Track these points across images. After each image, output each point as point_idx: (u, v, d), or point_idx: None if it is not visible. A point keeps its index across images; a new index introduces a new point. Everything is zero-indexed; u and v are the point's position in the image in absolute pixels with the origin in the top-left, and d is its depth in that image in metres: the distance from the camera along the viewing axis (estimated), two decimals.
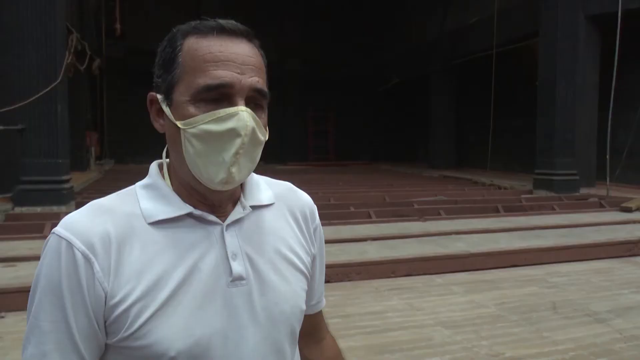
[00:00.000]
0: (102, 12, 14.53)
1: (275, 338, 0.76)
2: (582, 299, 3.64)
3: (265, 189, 0.84)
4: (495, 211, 7.26)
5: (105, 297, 0.68)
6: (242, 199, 0.79)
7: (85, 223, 0.70)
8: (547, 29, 9.66)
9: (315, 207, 0.90)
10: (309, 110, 19.51)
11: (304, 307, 0.82)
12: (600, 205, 7.89)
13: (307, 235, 0.86)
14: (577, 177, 9.35)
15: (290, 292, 0.78)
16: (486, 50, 12.48)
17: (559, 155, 9.34)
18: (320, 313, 0.95)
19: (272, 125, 0.77)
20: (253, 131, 0.70)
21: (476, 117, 14.70)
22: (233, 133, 0.69)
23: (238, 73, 0.70)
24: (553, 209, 7.56)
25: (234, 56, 0.70)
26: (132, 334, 0.67)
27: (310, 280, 0.86)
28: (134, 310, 0.67)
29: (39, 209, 6.21)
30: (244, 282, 0.74)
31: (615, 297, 3.71)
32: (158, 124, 0.77)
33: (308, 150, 19.82)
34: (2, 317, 3.18)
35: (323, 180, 11.74)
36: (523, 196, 8.79)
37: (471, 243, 5.09)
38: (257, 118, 0.72)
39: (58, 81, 6.49)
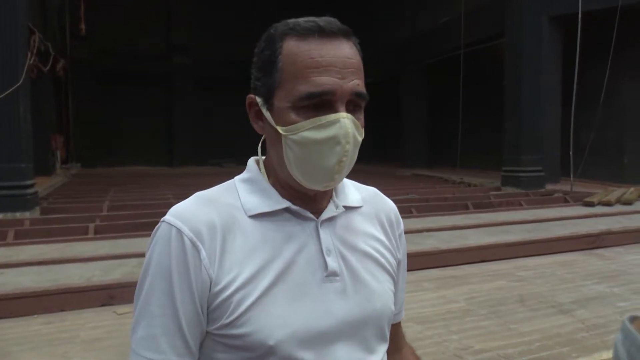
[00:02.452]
0: (65, 12, 14.12)
1: (365, 336, 0.77)
2: (548, 291, 3.76)
3: (354, 192, 0.86)
4: (465, 208, 7.41)
5: (210, 284, 0.70)
6: (334, 198, 0.81)
7: (193, 212, 0.73)
8: (512, 30, 9.93)
9: (398, 213, 0.91)
10: None
11: (393, 307, 0.82)
12: (565, 200, 8.16)
13: (392, 239, 0.87)
14: (543, 174, 9.64)
15: (382, 291, 0.80)
16: (455, 51, 12.72)
17: (525, 152, 9.61)
18: (399, 323, 0.96)
19: (248, 128, 0.78)
20: (354, 137, 0.71)
21: (447, 116, 14.98)
22: (334, 141, 0.69)
23: (339, 78, 0.70)
24: (520, 204, 7.77)
25: (335, 60, 0.70)
26: (233, 321, 0.69)
27: (395, 285, 0.87)
28: (237, 297, 0.69)
29: (1, 216, 6.00)
30: (337, 278, 0.75)
31: (578, 288, 3.84)
32: (257, 126, 0.78)
33: None
34: None
35: None
36: (492, 193, 9.00)
37: (442, 240, 5.18)
38: (357, 121, 0.73)
39: (20, 83, 6.28)
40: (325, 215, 0.78)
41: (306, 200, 0.78)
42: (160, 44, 18.27)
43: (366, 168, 16.75)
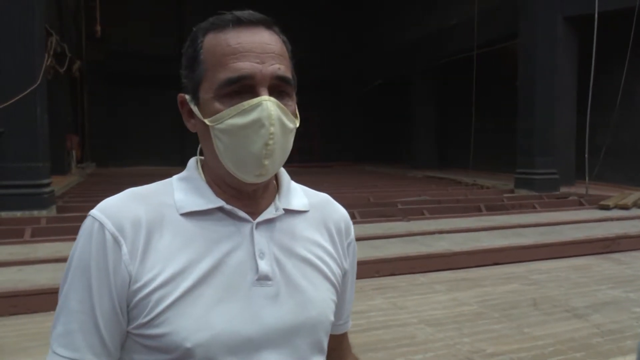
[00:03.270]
0: (81, 14, 14.33)
1: (298, 345, 0.73)
2: (562, 295, 3.72)
3: (301, 196, 0.83)
4: (477, 210, 7.35)
5: (130, 281, 0.68)
6: (276, 200, 0.78)
7: (119, 207, 0.71)
8: (526, 31, 9.84)
9: (351, 222, 0.89)
10: None
11: (332, 317, 0.79)
12: (580, 203, 8.05)
13: (339, 248, 0.84)
14: (557, 176, 9.52)
15: (319, 299, 0.76)
16: (467, 52, 12.64)
17: (539, 154, 9.50)
18: (346, 334, 0.94)
19: None
20: (280, 120, 0.70)
21: (458, 117, 14.88)
22: (258, 124, 0.68)
23: (258, 63, 0.69)
24: (534, 207, 7.69)
25: (252, 46, 0.70)
26: (150, 321, 0.67)
27: (340, 296, 0.84)
28: (155, 296, 0.67)
29: (19, 214, 6.11)
30: (270, 282, 0.72)
31: (593, 292, 3.79)
32: (190, 124, 0.77)
33: (292, 151, 19.79)
34: None
35: (307, 181, 11.61)
36: (505, 195, 8.92)
37: (454, 242, 5.15)
38: (283, 106, 0.71)
39: (37, 84, 6.38)
40: (263, 217, 0.75)
41: (244, 199, 0.75)
42: (172, 46, 18.44)
43: (377, 170, 16.72)
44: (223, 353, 0.67)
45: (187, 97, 0.75)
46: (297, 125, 0.75)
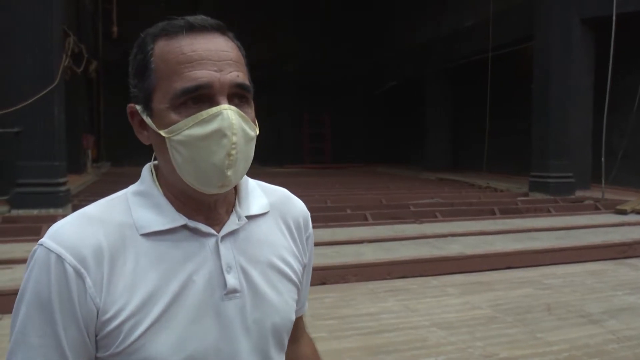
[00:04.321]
0: (98, 15, 14.53)
1: (264, 349, 0.75)
2: (577, 301, 3.67)
3: (260, 196, 0.82)
4: (491, 213, 7.29)
5: (97, 313, 0.66)
6: (237, 208, 0.77)
7: (75, 234, 0.66)
8: (542, 32, 9.73)
9: (309, 215, 0.88)
10: (304, 113, 19.54)
11: (293, 317, 0.81)
12: (596, 207, 7.93)
13: (299, 244, 0.84)
14: (573, 180, 9.40)
15: (282, 304, 0.78)
16: (482, 53, 12.54)
17: (554, 157, 9.39)
18: (302, 316, 0.94)
19: (268, 127, 0.76)
20: (242, 128, 0.68)
21: (472, 119, 14.76)
22: (219, 134, 0.66)
23: (215, 70, 0.67)
24: (549, 211, 7.60)
25: (208, 53, 0.67)
26: (125, 349, 0.66)
27: (299, 290, 0.85)
28: (127, 325, 0.66)
29: (35, 212, 6.21)
30: (237, 294, 0.73)
31: (609, 298, 3.74)
32: (142, 136, 0.74)
33: (304, 152, 19.85)
34: None
35: (319, 182, 11.75)
36: (519, 198, 8.83)
37: (467, 245, 5.11)
38: (243, 114, 0.69)
39: (55, 84, 6.49)
40: (226, 229, 0.74)
41: (204, 211, 0.73)
42: None
43: (389, 171, 16.66)
44: None
45: (138, 107, 0.71)
46: (257, 132, 0.72)
